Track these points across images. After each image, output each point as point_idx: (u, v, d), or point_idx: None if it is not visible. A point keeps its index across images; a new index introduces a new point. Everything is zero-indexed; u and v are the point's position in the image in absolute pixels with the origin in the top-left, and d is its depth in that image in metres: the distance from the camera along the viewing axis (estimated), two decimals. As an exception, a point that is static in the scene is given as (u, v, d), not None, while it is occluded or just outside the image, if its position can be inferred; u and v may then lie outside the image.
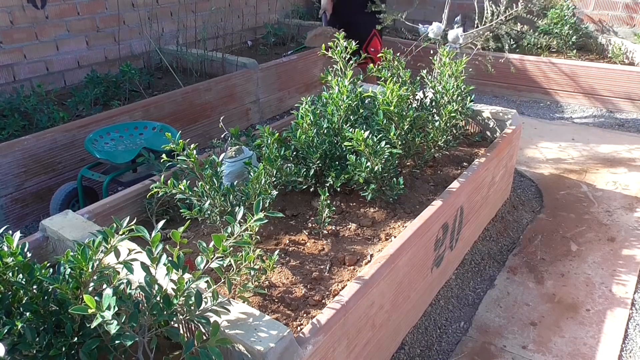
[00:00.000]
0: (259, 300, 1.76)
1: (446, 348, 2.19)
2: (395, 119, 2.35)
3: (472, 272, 2.65)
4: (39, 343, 1.32)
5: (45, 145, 3.08)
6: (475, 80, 4.86)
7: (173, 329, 1.38)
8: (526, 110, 4.79)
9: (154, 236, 1.42)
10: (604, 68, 4.63)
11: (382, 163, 2.16)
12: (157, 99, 3.74)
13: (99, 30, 4.26)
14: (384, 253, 1.88)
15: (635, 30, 5.13)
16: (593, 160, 3.77)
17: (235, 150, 2.39)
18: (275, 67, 4.56)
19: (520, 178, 3.55)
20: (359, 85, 2.56)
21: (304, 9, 6.42)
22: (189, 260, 1.76)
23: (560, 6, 5.22)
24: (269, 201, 1.98)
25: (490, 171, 2.70)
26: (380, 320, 1.90)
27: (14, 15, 3.70)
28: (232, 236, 1.46)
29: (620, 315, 2.34)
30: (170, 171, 2.36)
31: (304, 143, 2.28)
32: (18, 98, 3.52)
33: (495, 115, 3.03)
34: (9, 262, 1.42)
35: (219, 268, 1.45)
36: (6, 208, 2.99)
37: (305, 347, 1.46)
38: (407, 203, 2.35)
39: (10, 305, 1.39)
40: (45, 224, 1.98)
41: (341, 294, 1.67)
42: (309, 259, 1.98)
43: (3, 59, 3.72)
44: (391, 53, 2.73)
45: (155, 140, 2.94)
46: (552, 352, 2.15)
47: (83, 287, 1.38)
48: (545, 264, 2.69)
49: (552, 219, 3.07)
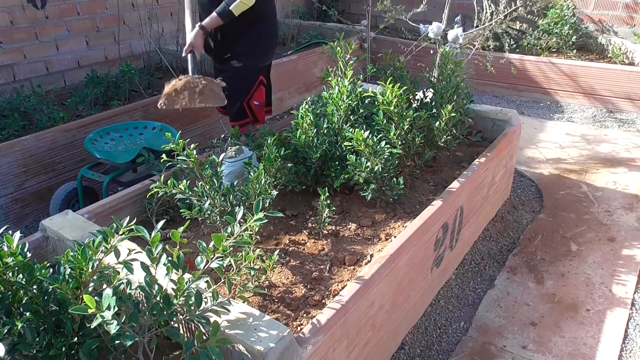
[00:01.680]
0: (259, 300, 1.76)
1: (446, 348, 2.19)
2: (395, 119, 2.35)
3: (472, 272, 2.65)
4: (39, 343, 1.32)
5: (45, 145, 3.08)
6: (475, 80, 4.86)
7: (173, 329, 1.38)
8: (526, 110, 4.78)
9: (153, 236, 1.42)
10: (604, 68, 4.63)
11: (382, 163, 2.16)
12: (157, 99, 3.70)
13: (99, 30, 4.26)
14: (384, 253, 1.88)
15: (635, 30, 5.13)
16: (593, 160, 3.77)
17: (235, 150, 2.40)
18: (275, 67, 4.53)
19: (520, 178, 3.55)
20: (359, 85, 2.56)
21: (304, 9, 6.42)
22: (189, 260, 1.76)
23: (560, 6, 5.21)
24: (269, 201, 1.98)
25: (490, 171, 2.70)
26: (380, 320, 1.90)
27: (14, 15, 3.70)
28: (232, 236, 1.46)
29: (620, 315, 2.34)
30: (170, 171, 2.36)
31: (304, 143, 2.28)
32: (18, 98, 3.52)
33: (495, 115, 3.03)
34: (9, 262, 1.42)
35: (219, 268, 1.45)
36: (6, 208, 2.99)
37: (305, 347, 1.46)
38: (407, 203, 2.35)
39: (10, 305, 1.39)
40: (45, 224, 1.98)
41: (341, 294, 1.67)
42: (309, 259, 1.98)
43: (3, 59, 3.71)
44: (391, 53, 2.73)
45: (155, 140, 2.94)
46: (552, 352, 2.15)
47: (83, 287, 1.38)
48: (545, 264, 2.69)
49: (552, 219, 3.07)
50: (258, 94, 2.98)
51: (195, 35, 2.73)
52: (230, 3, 2.68)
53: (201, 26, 2.74)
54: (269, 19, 2.91)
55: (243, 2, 2.67)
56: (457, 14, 5.26)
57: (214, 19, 2.71)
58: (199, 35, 2.74)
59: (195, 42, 2.74)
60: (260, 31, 2.87)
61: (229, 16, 2.69)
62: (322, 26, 5.81)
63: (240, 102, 2.92)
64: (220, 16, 2.69)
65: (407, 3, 4.88)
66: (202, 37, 2.76)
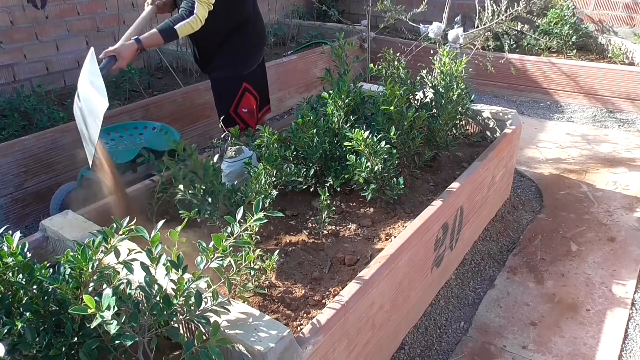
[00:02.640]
0: (259, 300, 1.76)
1: (446, 348, 2.19)
2: (395, 119, 2.35)
3: (472, 272, 2.65)
4: (39, 343, 1.32)
5: (45, 145, 3.08)
6: (475, 80, 4.86)
7: (173, 329, 1.38)
8: (526, 110, 4.78)
9: (153, 236, 1.42)
10: (604, 68, 4.63)
11: (382, 163, 2.16)
12: (157, 99, 3.74)
13: (99, 31, 4.26)
14: (384, 253, 1.88)
15: (635, 30, 5.13)
16: (593, 160, 3.77)
17: (235, 150, 2.39)
18: (275, 67, 4.56)
19: (520, 178, 3.55)
20: (359, 85, 2.56)
21: (304, 9, 6.42)
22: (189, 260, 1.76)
23: (560, 6, 5.21)
24: (269, 201, 1.98)
25: (490, 171, 2.70)
26: (380, 320, 1.90)
27: (14, 15, 3.70)
28: (232, 236, 1.46)
29: (620, 315, 2.34)
30: (171, 171, 2.35)
31: (304, 143, 2.28)
32: (18, 98, 3.52)
33: (495, 115, 3.03)
34: (9, 262, 1.42)
35: (219, 268, 1.45)
36: (6, 208, 2.99)
37: (305, 347, 1.46)
38: (407, 203, 2.35)
39: (10, 305, 1.39)
40: (45, 224, 1.98)
41: (341, 294, 1.67)
42: (309, 259, 1.98)
43: (3, 59, 3.72)
44: (391, 53, 2.73)
45: (155, 140, 2.94)
46: (552, 352, 2.15)
47: (83, 287, 1.38)
48: (545, 264, 2.69)
49: (552, 219, 3.07)
50: (245, 102, 2.87)
51: (127, 47, 2.39)
52: (176, 22, 2.44)
53: (137, 40, 2.41)
54: (249, 25, 2.80)
55: (191, 25, 2.44)
56: (457, 14, 5.26)
57: (154, 36, 2.43)
58: (131, 49, 2.39)
59: (123, 53, 2.37)
60: (238, 41, 2.77)
61: (172, 36, 2.46)
62: (322, 26, 5.81)
63: (226, 111, 2.82)
64: (162, 34, 2.43)
65: (407, 3, 4.88)
66: (135, 52, 2.41)
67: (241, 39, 2.79)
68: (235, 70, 2.82)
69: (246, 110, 2.89)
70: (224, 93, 2.87)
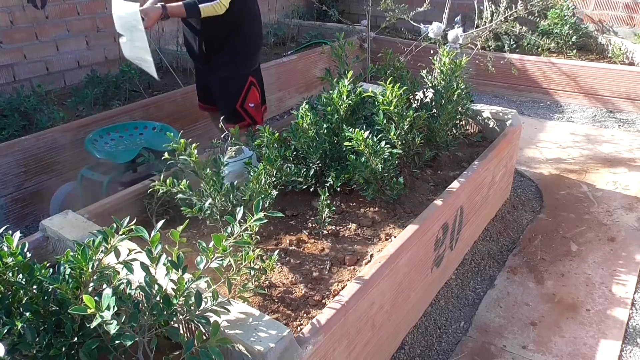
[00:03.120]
0: (259, 300, 1.76)
1: (446, 348, 2.19)
2: (395, 119, 2.35)
3: (472, 272, 2.65)
4: (39, 343, 1.32)
5: (45, 145, 3.08)
6: (475, 80, 4.86)
7: (173, 329, 1.38)
8: (526, 110, 4.78)
9: (153, 236, 1.42)
10: (604, 68, 4.63)
11: (382, 163, 2.16)
12: (157, 99, 3.74)
13: (99, 30, 4.26)
14: (384, 253, 1.88)
15: (635, 30, 5.13)
16: (593, 160, 3.77)
17: (235, 150, 2.39)
18: (275, 67, 4.56)
19: (520, 178, 3.55)
20: (359, 85, 2.56)
21: (304, 9, 6.42)
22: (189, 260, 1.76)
23: (560, 6, 5.21)
24: (269, 201, 1.98)
25: (490, 171, 2.70)
26: (380, 320, 1.90)
27: (14, 15, 3.70)
28: (232, 236, 1.46)
29: (620, 315, 2.34)
30: (171, 171, 2.36)
31: (304, 143, 2.28)
32: (18, 98, 3.52)
33: (495, 115, 3.03)
34: (9, 262, 1.42)
35: (219, 268, 1.45)
36: (6, 208, 2.99)
37: (305, 347, 1.46)
38: (407, 203, 2.35)
39: (10, 305, 1.39)
40: (45, 224, 1.98)
41: (341, 294, 1.67)
42: (309, 259, 1.98)
43: (3, 59, 3.72)
44: (391, 53, 2.73)
45: (155, 140, 2.94)
46: (552, 352, 2.15)
47: (83, 287, 1.38)
48: (545, 264, 2.69)
49: (552, 219, 3.07)
50: (251, 96, 2.92)
51: (154, 9, 2.50)
52: (201, 1, 2.53)
53: (164, 6, 2.53)
54: (250, 22, 2.84)
55: (214, 7, 2.55)
56: (458, 14, 5.26)
57: (179, 8, 2.53)
58: (157, 12, 2.49)
59: (150, 14, 2.47)
60: (242, 38, 2.81)
61: (195, 13, 2.54)
62: (322, 26, 5.81)
63: (233, 106, 2.89)
64: (186, 7, 2.53)
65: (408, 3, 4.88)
66: (159, 16, 2.51)
67: (248, 37, 2.85)
68: (241, 68, 2.89)
69: (252, 105, 2.95)
70: (232, 88, 2.91)
